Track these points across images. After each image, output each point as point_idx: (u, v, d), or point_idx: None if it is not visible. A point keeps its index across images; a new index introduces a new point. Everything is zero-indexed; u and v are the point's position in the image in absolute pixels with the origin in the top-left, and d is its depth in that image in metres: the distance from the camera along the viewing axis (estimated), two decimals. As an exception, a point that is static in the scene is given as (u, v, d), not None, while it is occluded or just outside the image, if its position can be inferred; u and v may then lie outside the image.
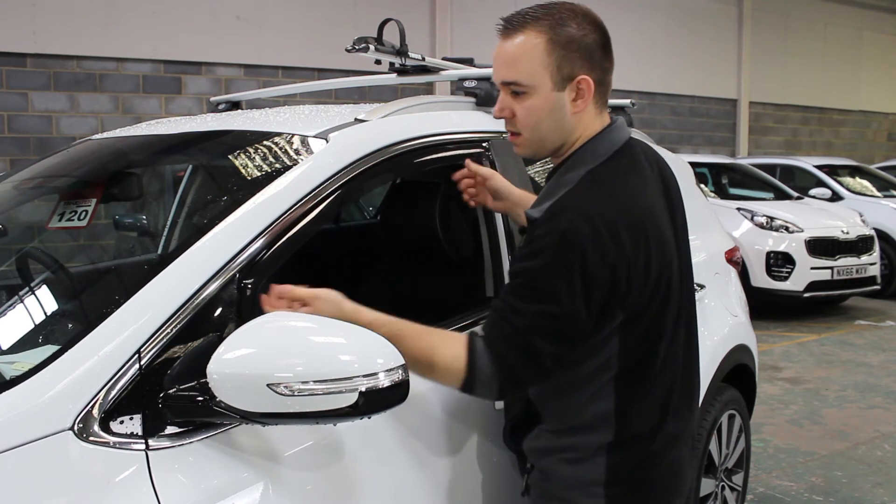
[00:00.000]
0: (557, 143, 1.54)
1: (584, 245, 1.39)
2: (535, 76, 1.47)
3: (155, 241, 2.83)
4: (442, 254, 2.35)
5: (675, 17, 11.93)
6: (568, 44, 1.46)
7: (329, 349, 1.24)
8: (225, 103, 2.83)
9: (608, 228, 1.40)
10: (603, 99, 1.54)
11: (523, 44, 1.47)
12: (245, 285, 1.42)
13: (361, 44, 2.08)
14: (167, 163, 2.67)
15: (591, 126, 1.54)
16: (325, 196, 1.60)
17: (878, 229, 8.66)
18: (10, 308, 1.91)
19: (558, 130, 1.52)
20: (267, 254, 1.47)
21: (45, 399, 1.23)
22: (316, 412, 1.23)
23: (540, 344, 1.41)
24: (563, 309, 1.40)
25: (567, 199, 1.45)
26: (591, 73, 1.48)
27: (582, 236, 1.39)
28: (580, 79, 1.47)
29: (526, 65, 1.47)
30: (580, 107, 1.50)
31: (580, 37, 1.46)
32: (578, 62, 1.47)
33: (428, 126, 1.92)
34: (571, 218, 1.41)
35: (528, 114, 1.49)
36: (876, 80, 15.24)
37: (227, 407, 1.23)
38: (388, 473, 1.59)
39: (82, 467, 1.22)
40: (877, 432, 4.62)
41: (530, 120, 1.50)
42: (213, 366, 1.23)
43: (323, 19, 8.56)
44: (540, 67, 1.46)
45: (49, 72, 7.16)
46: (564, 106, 1.49)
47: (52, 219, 1.99)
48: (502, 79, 1.51)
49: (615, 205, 1.44)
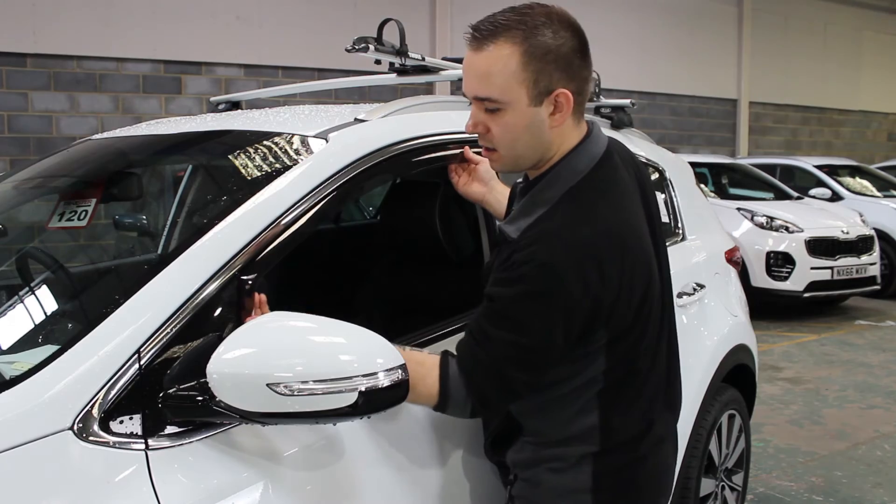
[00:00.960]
0: (535, 158, 1.45)
1: (566, 279, 1.33)
2: (510, 92, 1.36)
3: (155, 241, 2.83)
4: (442, 254, 2.34)
5: (675, 17, 11.93)
6: (544, 55, 1.35)
7: (329, 349, 1.24)
8: (225, 103, 2.83)
9: (592, 259, 1.34)
10: (581, 108, 1.44)
11: (495, 56, 1.35)
12: (245, 285, 1.42)
13: (361, 44, 2.08)
14: (167, 163, 2.67)
15: (570, 138, 1.45)
16: (325, 196, 1.60)
17: (878, 229, 8.66)
18: (10, 308, 1.91)
19: (536, 147, 1.43)
20: (267, 253, 1.47)
21: (44, 399, 1.23)
22: (315, 412, 1.23)
23: (512, 373, 1.38)
24: (536, 341, 1.35)
25: (546, 223, 1.39)
26: (569, 84, 1.38)
27: (564, 269, 1.33)
28: (558, 92, 1.37)
29: (499, 79, 1.35)
30: (559, 121, 1.40)
31: (557, 46, 1.35)
32: (556, 74, 1.36)
33: (428, 126, 1.92)
34: (552, 249, 1.34)
35: (503, 131, 1.40)
36: (876, 80, 15.24)
37: (227, 407, 1.23)
38: (388, 474, 1.59)
39: (82, 467, 1.22)
40: (877, 432, 4.62)
41: (506, 137, 1.41)
42: (213, 365, 1.23)
43: (323, 19, 8.56)
44: (514, 82, 1.35)
45: (49, 72, 7.16)
46: (542, 121, 1.39)
47: (52, 219, 1.99)
48: (474, 94, 1.40)
49: (598, 230, 1.37)
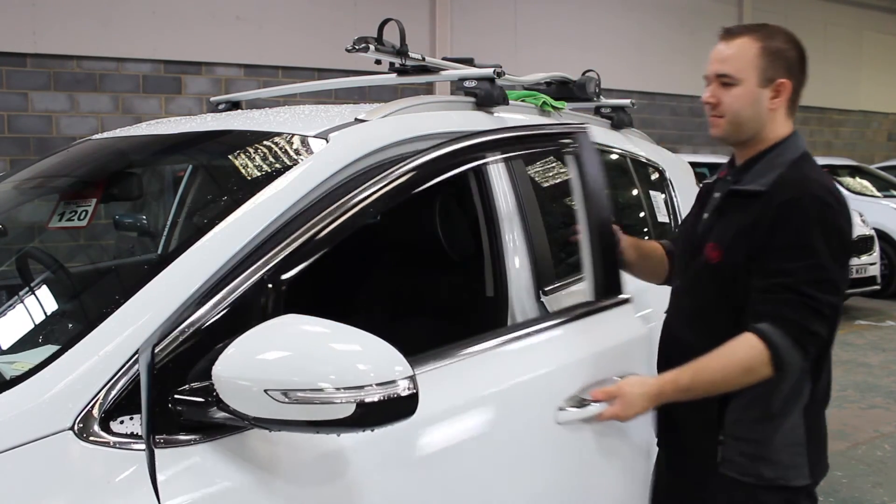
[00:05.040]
0: (751, 132, 1.81)
1: (837, 211, 1.70)
2: (744, 72, 1.77)
3: (155, 241, 2.83)
4: (442, 254, 2.35)
5: (675, 17, 11.92)
6: (776, 52, 1.78)
7: (333, 357, 1.22)
8: (225, 103, 2.83)
9: (843, 203, 1.73)
10: (793, 107, 1.83)
11: (739, 44, 1.79)
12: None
13: (361, 44, 2.08)
14: (167, 163, 2.67)
15: (782, 127, 1.82)
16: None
17: (878, 229, 8.64)
18: (10, 308, 1.92)
19: (754, 120, 1.79)
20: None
21: (45, 399, 1.23)
22: (312, 421, 1.20)
23: (822, 299, 1.67)
24: (831, 267, 1.68)
25: (797, 171, 1.76)
26: (789, 79, 1.79)
27: (831, 204, 1.70)
28: (780, 81, 1.78)
29: (738, 62, 1.77)
30: (776, 104, 1.79)
31: (785, 50, 1.80)
32: (781, 69, 1.78)
33: (428, 126, 1.92)
34: (815, 188, 1.71)
35: (733, 101, 1.78)
36: (876, 80, 15.22)
37: (233, 410, 1.23)
38: (399, 487, 1.55)
39: (82, 467, 1.21)
40: (877, 432, 4.62)
41: (734, 106, 1.79)
42: (219, 367, 1.23)
43: (323, 19, 8.55)
44: (749, 66, 1.77)
45: (49, 72, 7.15)
46: (764, 101, 1.78)
47: (52, 219, 1.99)
48: (716, 71, 1.80)
49: (829, 181, 1.77)
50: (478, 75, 2.20)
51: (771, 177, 1.76)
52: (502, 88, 2.20)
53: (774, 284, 1.68)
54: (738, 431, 1.81)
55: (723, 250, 1.80)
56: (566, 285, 2.14)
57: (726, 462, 1.82)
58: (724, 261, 1.79)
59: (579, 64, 3.46)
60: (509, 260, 1.97)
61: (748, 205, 1.77)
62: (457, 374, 1.71)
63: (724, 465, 1.83)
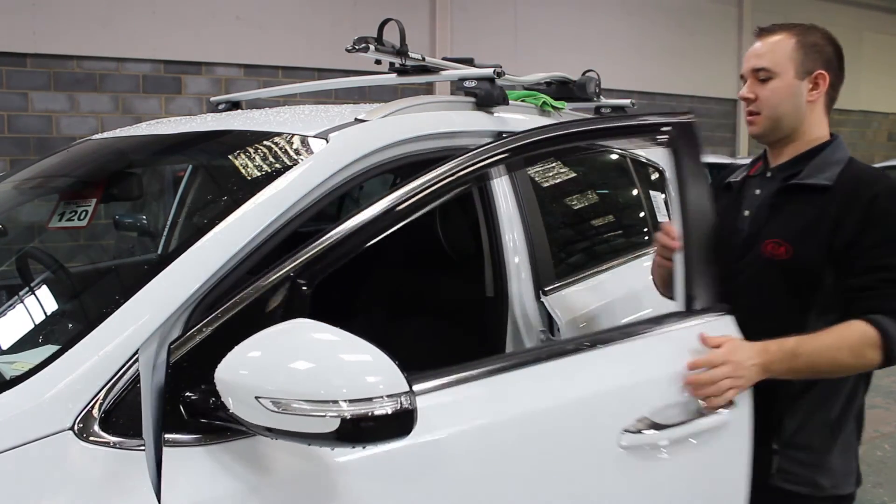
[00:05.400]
0: (790, 128, 1.79)
1: None
2: (781, 65, 1.76)
3: (155, 241, 2.83)
4: (442, 254, 2.35)
5: (674, 17, 11.92)
6: (812, 45, 1.77)
7: (329, 367, 1.18)
8: (225, 103, 2.83)
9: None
10: (830, 104, 1.81)
11: (775, 40, 1.79)
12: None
13: (361, 44, 2.08)
14: (167, 163, 2.67)
15: (820, 126, 1.80)
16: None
17: (878, 229, 8.63)
18: (10, 308, 1.91)
19: (793, 114, 1.77)
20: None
21: (45, 399, 1.23)
22: (299, 433, 1.16)
23: None
24: None
25: (860, 169, 1.76)
26: (827, 72, 1.77)
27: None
28: (818, 73, 1.76)
29: (775, 56, 1.76)
30: (814, 97, 1.77)
31: (822, 44, 1.79)
32: (819, 61, 1.77)
33: (428, 126, 1.92)
34: (893, 183, 1.70)
35: (770, 95, 1.76)
36: (876, 80, 15.22)
37: (233, 415, 1.22)
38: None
39: (82, 467, 1.21)
40: (877, 432, 4.62)
41: (772, 100, 1.76)
42: (221, 371, 1.23)
43: (323, 19, 8.55)
44: (786, 59, 1.76)
45: (49, 72, 7.15)
46: (802, 94, 1.76)
47: (52, 219, 1.99)
48: (753, 66, 1.78)
49: None
50: (478, 75, 2.20)
51: (833, 171, 1.73)
52: (502, 88, 2.19)
53: (880, 280, 1.65)
54: (799, 439, 1.74)
55: (789, 245, 1.73)
56: (566, 285, 2.14)
57: (781, 473, 1.75)
58: (795, 256, 1.73)
59: (579, 64, 3.46)
60: (509, 260, 1.97)
61: (811, 199, 1.73)
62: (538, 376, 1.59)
63: (777, 476, 1.75)
